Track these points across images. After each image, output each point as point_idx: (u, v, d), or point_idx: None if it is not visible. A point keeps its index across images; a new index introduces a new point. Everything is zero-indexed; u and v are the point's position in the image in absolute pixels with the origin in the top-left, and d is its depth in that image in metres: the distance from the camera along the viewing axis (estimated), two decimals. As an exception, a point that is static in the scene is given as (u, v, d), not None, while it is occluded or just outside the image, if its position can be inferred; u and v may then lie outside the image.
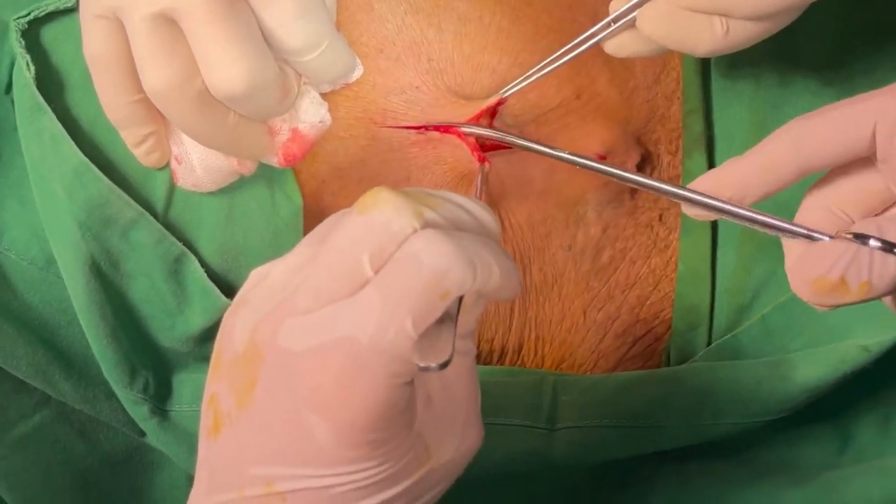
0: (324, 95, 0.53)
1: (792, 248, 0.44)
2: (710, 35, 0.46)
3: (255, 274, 0.41)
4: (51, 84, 0.55)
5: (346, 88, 0.55)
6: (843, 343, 0.53)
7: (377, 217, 0.36)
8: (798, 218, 0.45)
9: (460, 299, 0.38)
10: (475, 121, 0.55)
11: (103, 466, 0.59)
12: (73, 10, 0.55)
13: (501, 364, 0.59)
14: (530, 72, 0.53)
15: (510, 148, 0.55)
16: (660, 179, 0.46)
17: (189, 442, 0.56)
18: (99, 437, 0.59)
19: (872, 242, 0.40)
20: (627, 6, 0.48)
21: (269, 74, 0.47)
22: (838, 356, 0.53)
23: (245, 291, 0.40)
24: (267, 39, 0.47)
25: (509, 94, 0.54)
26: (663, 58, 0.59)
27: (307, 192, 0.56)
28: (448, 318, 0.37)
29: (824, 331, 0.56)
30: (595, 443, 0.54)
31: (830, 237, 0.42)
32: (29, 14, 0.54)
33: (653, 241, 0.58)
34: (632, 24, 0.49)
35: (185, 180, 0.54)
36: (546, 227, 0.57)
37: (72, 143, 0.53)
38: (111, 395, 0.57)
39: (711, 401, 0.54)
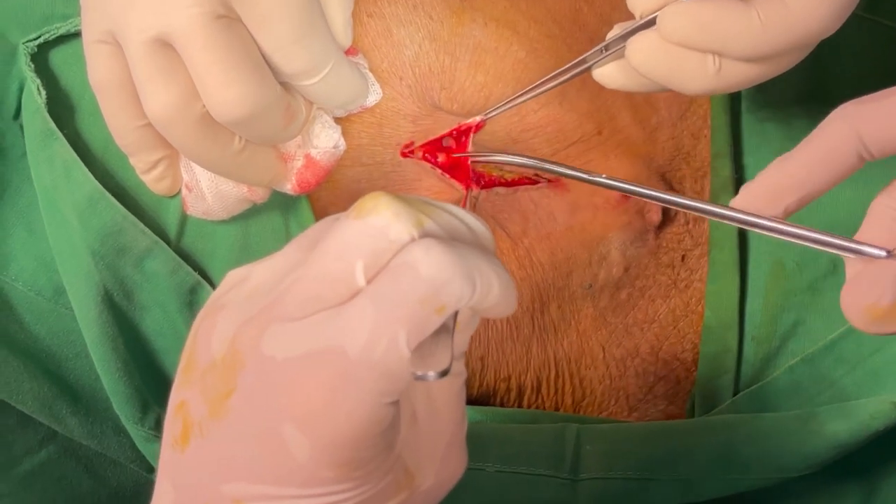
0: (347, 121, 0.51)
1: (851, 267, 0.40)
2: (701, 73, 0.44)
3: (233, 275, 0.37)
4: (61, 109, 0.53)
5: (369, 114, 0.53)
6: (873, 398, 0.52)
7: (375, 222, 0.33)
8: (863, 228, 0.40)
9: (456, 312, 0.34)
10: (456, 136, 0.53)
11: (110, 503, 0.57)
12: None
13: (520, 404, 0.56)
14: (518, 94, 0.51)
15: (530, 183, 0.54)
16: (696, 199, 0.44)
17: None
18: (106, 473, 0.57)
19: None
20: (620, 34, 0.46)
21: (270, 98, 0.44)
22: (868, 412, 0.51)
23: (221, 294, 0.37)
24: (267, 63, 0.45)
25: (490, 116, 0.52)
26: (690, 99, 0.57)
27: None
28: (444, 329, 0.34)
29: (853, 384, 0.54)
30: (619, 494, 0.52)
31: (888, 253, 0.38)
32: (39, 37, 0.52)
33: (673, 280, 0.56)
34: (622, 55, 0.46)
35: (195, 208, 0.52)
36: (568, 265, 0.55)
37: (85, 169, 0.51)
38: (120, 430, 0.55)
39: (739, 454, 0.51)
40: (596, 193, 0.54)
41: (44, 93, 0.52)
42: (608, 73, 0.48)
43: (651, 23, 0.45)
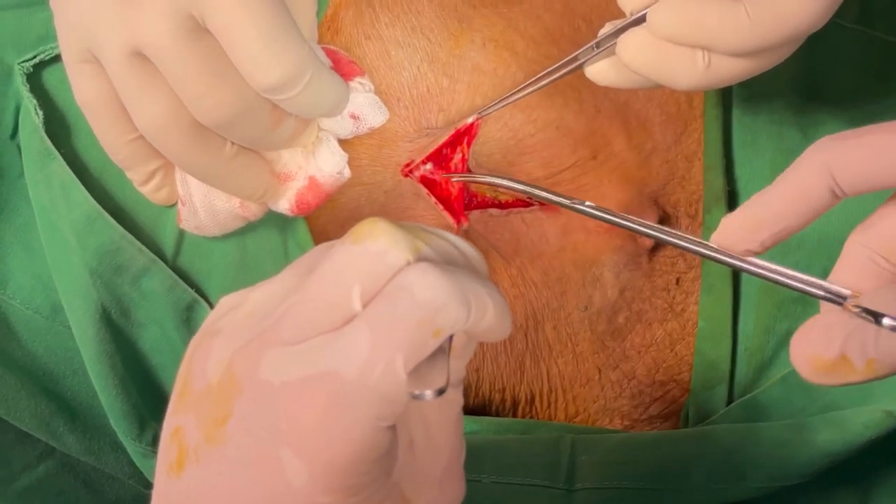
0: (347, 142, 0.51)
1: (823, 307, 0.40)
2: (690, 68, 0.43)
3: (226, 301, 0.37)
4: (58, 129, 0.53)
5: (369, 136, 0.53)
6: (867, 408, 0.51)
7: (372, 247, 0.33)
8: (838, 265, 0.40)
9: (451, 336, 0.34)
10: (451, 151, 0.53)
11: None
12: None
13: (514, 415, 0.56)
14: (511, 92, 0.51)
15: (523, 205, 0.54)
16: (677, 234, 0.43)
17: None
18: (104, 488, 0.57)
19: (887, 321, 0.34)
20: (611, 31, 0.46)
21: (251, 98, 0.44)
22: (861, 421, 0.51)
23: (215, 319, 0.36)
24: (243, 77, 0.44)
25: (485, 114, 0.52)
26: (684, 118, 0.56)
27: (322, 239, 0.54)
28: (440, 351, 0.33)
29: (845, 394, 0.53)
30: (614, 504, 0.52)
31: (842, 301, 0.37)
32: (34, 57, 0.52)
33: (669, 304, 0.56)
34: (614, 52, 0.46)
35: (188, 223, 0.51)
36: (561, 286, 0.55)
37: (83, 188, 0.51)
38: (117, 447, 0.54)
39: (733, 464, 0.51)
40: (587, 217, 0.54)
41: (41, 113, 0.52)
42: (600, 70, 0.48)
43: (641, 20, 0.45)
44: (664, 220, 0.55)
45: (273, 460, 0.33)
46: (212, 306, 0.53)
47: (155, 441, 0.53)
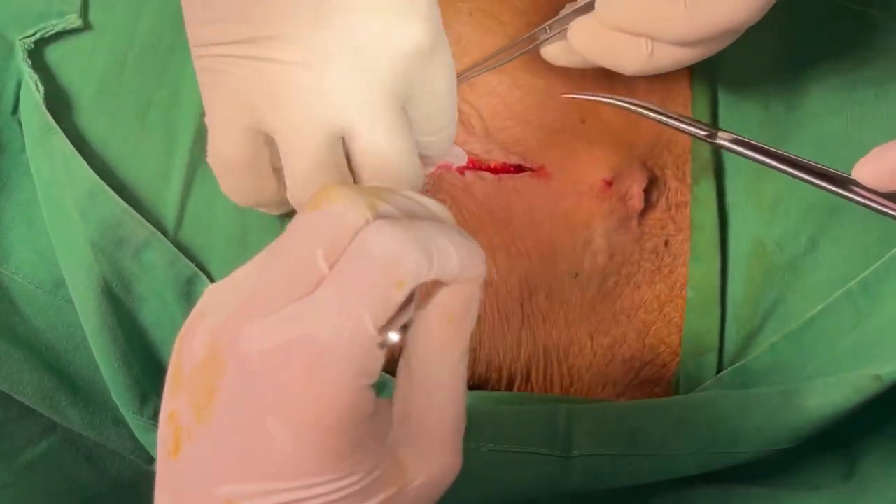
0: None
1: None
2: (635, 55, 0.46)
3: (213, 288, 0.37)
4: (59, 104, 0.53)
5: None
6: (855, 372, 0.52)
7: (331, 210, 0.34)
8: None
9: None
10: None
11: (110, 493, 0.56)
12: (79, 29, 0.53)
13: (510, 391, 0.57)
14: (469, 67, 0.52)
15: (514, 171, 0.54)
16: (824, 168, 0.44)
17: None
18: (106, 463, 0.56)
19: None
20: (558, 18, 0.49)
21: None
22: (851, 385, 0.51)
23: (202, 304, 0.37)
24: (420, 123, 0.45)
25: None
26: (667, 84, 0.57)
27: None
28: (408, 301, 0.34)
29: (834, 360, 0.54)
30: (610, 470, 0.52)
31: None
32: (35, 34, 0.52)
33: (657, 266, 0.57)
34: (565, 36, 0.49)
35: None
36: (554, 253, 0.55)
37: (84, 163, 0.51)
38: (119, 421, 0.54)
39: (725, 429, 0.52)
40: (580, 182, 0.55)
41: (42, 88, 0.52)
42: (553, 53, 0.51)
43: (590, 7, 0.48)
44: (654, 182, 0.56)
45: (259, 429, 0.33)
46: (212, 280, 0.53)
47: (156, 415, 0.53)
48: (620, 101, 0.50)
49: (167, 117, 0.54)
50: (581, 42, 0.47)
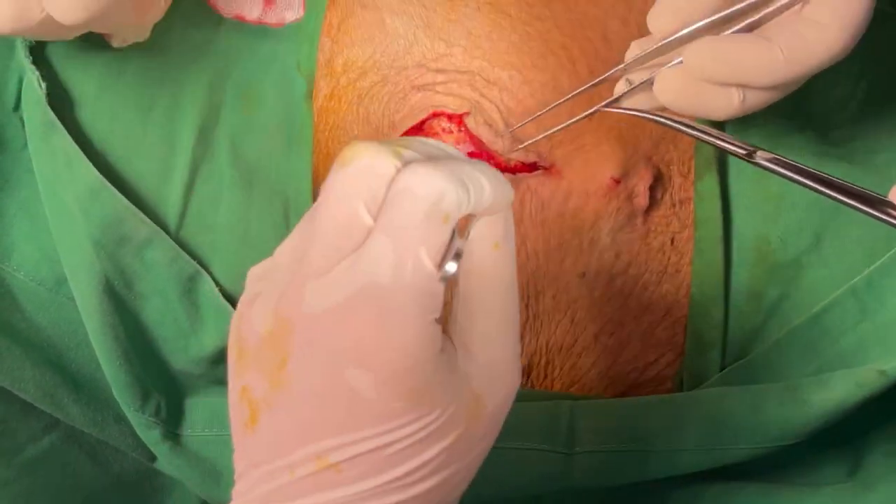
0: (341, 116, 0.52)
1: None
2: (727, 104, 0.45)
3: (255, 269, 0.39)
4: (61, 101, 0.53)
5: (359, 106, 0.54)
6: (859, 368, 0.52)
7: (360, 164, 0.35)
8: None
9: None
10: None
11: (113, 490, 0.56)
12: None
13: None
14: (542, 111, 0.52)
15: (528, 170, 0.54)
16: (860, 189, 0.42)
17: (201, 466, 0.54)
18: (108, 460, 0.56)
19: None
20: (639, 59, 0.47)
21: None
22: (855, 381, 0.51)
23: (251, 286, 0.38)
24: None
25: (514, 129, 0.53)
26: None
27: None
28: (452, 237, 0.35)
29: (838, 355, 0.53)
30: (613, 467, 0.52)
31: None
32: None
33: (664, 266, 0.56)
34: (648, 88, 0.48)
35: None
36: (561, 252, 0.55)
37: (87, 161, 0.51)
38: (120, 418, 0.54)
39: (728, 425, 0.51)
40: (589, 180, 0.54)
41: (44, 85, 0.52)
42: (639, 103, 0.49)
43: (663, 49, 0.46)
44: (658, 178, 0.56)
45: (340, 382, 0.34)
46: (214, 279, 0.53)
47: (157, 412, 0.53)
48: (665, 118, 0.48)
49: (169, 115, 0.54)
50: (670, 97, 0.46)
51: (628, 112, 0.50)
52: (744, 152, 0.45)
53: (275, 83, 0.55)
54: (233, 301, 0.53)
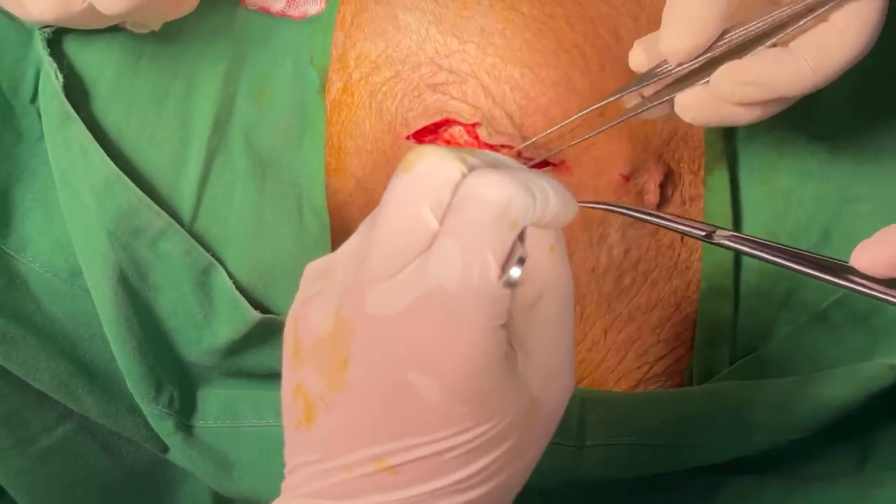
0: (353, 112, 0.52)
1: None
2: (749, 115, 0.46)
3: (313, 266, 0.39)
4: (77, 93, 0.53)
5: (371, 101, 0.54)
6: (869, 362, 0.52)
7: (424, 168, 0.35)
8: None
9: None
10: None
11: (126, 480, 0.56)
12: None
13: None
14: (553, 128, 0.52)
15: (538, 166, 0.54)
16: (821, 258, 0.42)
17: (214, 458, 0.54)
18: (122, 451, 0.56)
19: None
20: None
21: None
22: (865, 375, 0.51)
23: (308, 284, 0.39)
24: None
25: (529, 144, 0.53)
26: None
27: (334, 206, 0.54)
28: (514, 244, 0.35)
29: (848, 350, 0.54)
30: (623, 460, 0.52)
31: None
32: None
33: (674, 262, 0.56)
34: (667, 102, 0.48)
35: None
36: (570, 248, 0.55)
37: (101, 152, 0.51)
38: (134, 410, 0.54)
39: (739, 419, 0.52)
40: (598, 176, 0.54)
41: (61, 77, 0.52)
42: (648, 114, 0.49)
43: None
44: (669, 175, 0.56)
45: (402, 385, 0.34)
46: (228, 271, 0.53)
47: (171, 403, 0.53)
48: (621, 208, 0.48)
49: (184, 106, 0.54)
50: (692, 114, 0.46)
51: (599, 208, 0.50)
52: (703, 233, 0.45)
53: (288, 75, 0.55)
54: (246, 293, 0.53)
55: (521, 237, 0.35)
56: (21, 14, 0.48)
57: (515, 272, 0.34)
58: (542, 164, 0.54)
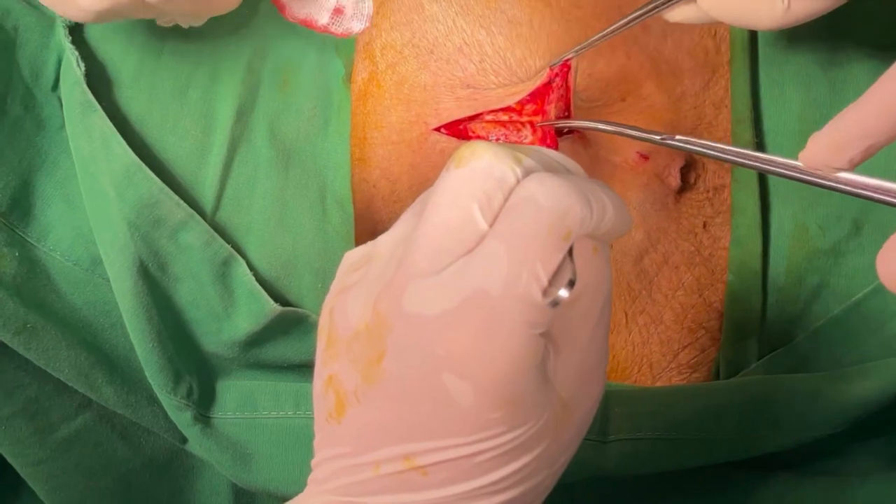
0: (381, 103, 0.51)
1: None
2: (770, 10, 0.44)
3: (351, 255, 0.38)
4: (99, 82, 0.53)
5: (398, 91, 0.53)
6: None
7: (478, 166, 0.33)
8: None
9: None
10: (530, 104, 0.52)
11: (145, 470, 0.56)
12: None
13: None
14: (588, 41, 0.50)
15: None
16: (768, 158, 0.41)
17: (232, 449, 0.53)
18: (140, 441, 0.56)
19: None
20: None
21: None
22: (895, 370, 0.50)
23: (345, 273, 0.37)
24: None
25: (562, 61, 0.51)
26: (712, 65, 0.56)
27: (358, 197, 0.54)
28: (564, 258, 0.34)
29: (879, 344, 0.52)
30: (647, 454, 0.51)
31: None
32: None
33: (696, 248, 0.55)
34: None
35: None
36: None
37: (122, 141, 0.51)
38: (153, 400, 0.54)
39: (766, 414, 0.50)
40: (615, 152, 0.54)
41: (83, 65, 0.51)
42: (676, 15, 0.48)
43: None
44: (692, 164, 0.55)
45: (437, 386, 0.33)
46: (249, 261, 0.53)
47: (189, 394, 0.53)
48: (579, 122, 0.48)
49: (206, 96, 0.54)
50: (712, 4, 0.45)
51: (555, 125, 0.49)
52: (659, 137, 0.45)
53: (313, 64, 0.54)
54: (266, 284, 0.52)
55: (570, 249, 0.33)
56: (70, 5, 0.47)
57: (563, 293, 0.33)
58: (561, 132, 0.53)
